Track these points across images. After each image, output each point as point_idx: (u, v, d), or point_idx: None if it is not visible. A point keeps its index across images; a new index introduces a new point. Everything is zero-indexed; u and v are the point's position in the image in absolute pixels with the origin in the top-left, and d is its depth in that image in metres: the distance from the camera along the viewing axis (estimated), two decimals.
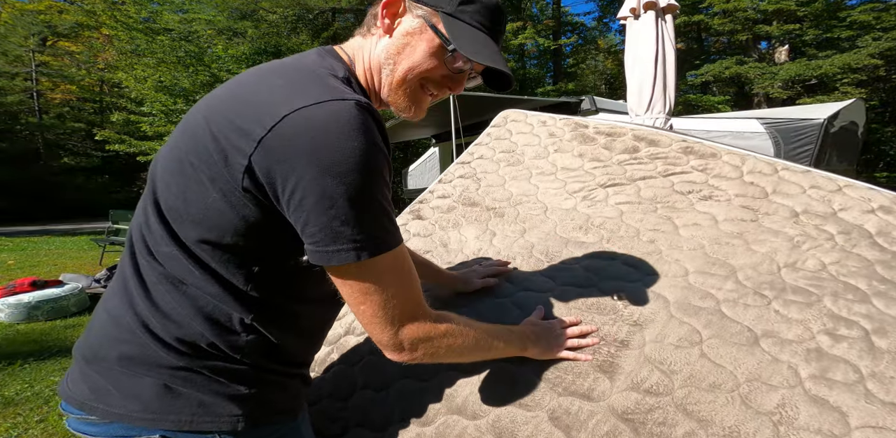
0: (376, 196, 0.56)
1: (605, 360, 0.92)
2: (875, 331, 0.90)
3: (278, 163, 0.53)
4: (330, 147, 0.52)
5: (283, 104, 0.54)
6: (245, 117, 0.56)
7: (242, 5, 12.27)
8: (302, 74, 0.61)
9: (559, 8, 19.18)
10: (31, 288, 4.01)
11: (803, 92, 12.74)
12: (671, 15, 2.92)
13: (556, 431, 0.84)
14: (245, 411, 0.65)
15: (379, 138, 0.57)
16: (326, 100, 0.54)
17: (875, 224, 1.18)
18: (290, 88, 0.57)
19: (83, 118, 20.92)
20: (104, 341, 0.65)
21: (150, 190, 0.65)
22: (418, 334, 0.63)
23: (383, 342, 0.63)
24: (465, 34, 0.66)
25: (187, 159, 0.60)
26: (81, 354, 0.67)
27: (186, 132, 0.62)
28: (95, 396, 0.63)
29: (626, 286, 1.08)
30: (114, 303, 0.66)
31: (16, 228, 13.28)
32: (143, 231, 0.64)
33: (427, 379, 0.99)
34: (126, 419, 0.61)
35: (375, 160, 0.55)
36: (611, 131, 1.69)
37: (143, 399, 0.61)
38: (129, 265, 0.66)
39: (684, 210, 1.31)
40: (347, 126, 0.53)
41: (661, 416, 0.81)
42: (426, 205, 1.61)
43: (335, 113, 0.54)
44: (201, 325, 0.62)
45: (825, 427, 0.76)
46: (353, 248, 0.56)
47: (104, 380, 0.63)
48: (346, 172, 0.53)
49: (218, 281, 0.62)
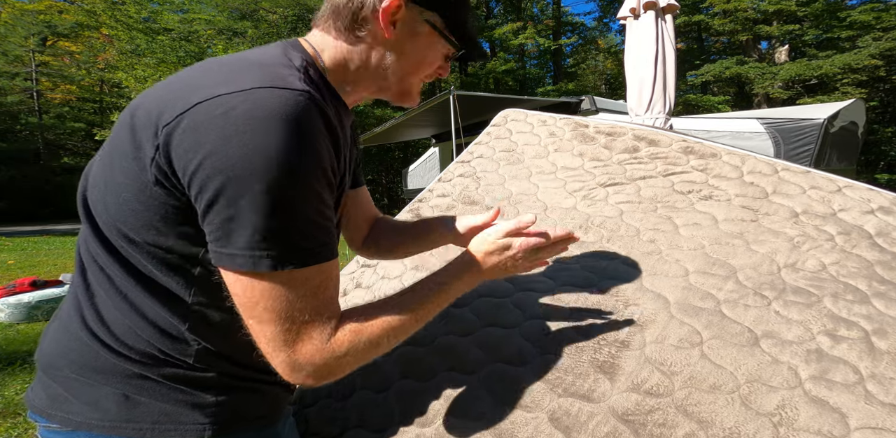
0: (292, 201, 0.49)
1: (605, 361, 0.92)
2: (875, 332, 0.90)
3: (185, 152, 0.48)
4: (242, 139, 0.46)
5: (203, 90, 0.49)
6: (163, 105, 0.50)
7: (242, 5, 12.28)
8: (244, 63, 0.56)
9: (559, 8, 19.19)
10: (31, 288, 4.01)
11: (803, 92, 12.74)
12: (671, 15, 2.92)
13: (556, 432, 0.83)
14: (212, 419, 0.62)
15: (315, 135, 0.51)
16: (254, 87, 0.49)
17: (875, 224, 1.18)
18: (220, 75, 0.52)
19: (83, 118, 20.91)
20: (57, 349, 0.63)
21: (82, 201, 0.61)
22: (316, 358, 0.54)
23: (276, 365, 0.55)
24: (465, 33, 0.69)
25: (108, 157, 0.56)
26: (41, 363, 0.64)
27: (114, 129, 0.58)
28: (54, 404, 0.61)
29: (625, 286, 1.08)
30: (66, 312, 0.64)
31: (16, 228, 13.28)
32: (87, 242, 0.61)
33: (427, 380, 0.99)
34: (86, 426, 0.59)
35: (299, 159, 0.49)
36: (611, 131, 1.68)
37: (101, 407, 0.59)
38: (79, 275, 0.63)
39: (684, 210, 1.30)
40: (271, 118, 0.47)
41: (662, 417, 0.81)
42: (425, 204, 1.61)
43: (259, 101, 0.48)
44: (148, 333, 0.59)
45: (825, 428, 0.76)
46: (257, 256, 0.49)
47: (61, 388, 0.61)
48: (259, 170, 0.47)
49: (155, 288, 0.58)
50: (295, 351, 0.53)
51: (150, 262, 0.57)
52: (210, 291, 0.59)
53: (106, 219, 0.57)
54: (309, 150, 0.50)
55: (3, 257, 7.22)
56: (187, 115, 0.48)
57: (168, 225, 0.54)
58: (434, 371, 1.00)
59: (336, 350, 0.55)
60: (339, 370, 0.57)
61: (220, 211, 0.48)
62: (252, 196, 0.47)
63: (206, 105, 0.48)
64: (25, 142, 19.76)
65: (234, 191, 0.47)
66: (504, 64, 17.27)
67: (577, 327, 1.00)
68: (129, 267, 0.58)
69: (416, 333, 1.11)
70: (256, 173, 0.47)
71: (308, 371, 0.54)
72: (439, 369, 1.00)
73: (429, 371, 1.00)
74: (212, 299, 0.60)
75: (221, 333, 0.62)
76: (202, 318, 0.61)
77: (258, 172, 0.47)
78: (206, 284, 0.59)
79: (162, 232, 0.55)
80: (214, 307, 0.61)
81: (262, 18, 12.97)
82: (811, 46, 13.17)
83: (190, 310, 0.60)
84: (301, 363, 0.54)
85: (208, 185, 0.48)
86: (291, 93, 0.50)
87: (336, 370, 0.57)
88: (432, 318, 0.70)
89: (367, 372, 1.06)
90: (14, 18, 17.85)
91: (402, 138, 11.43)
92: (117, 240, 0.57)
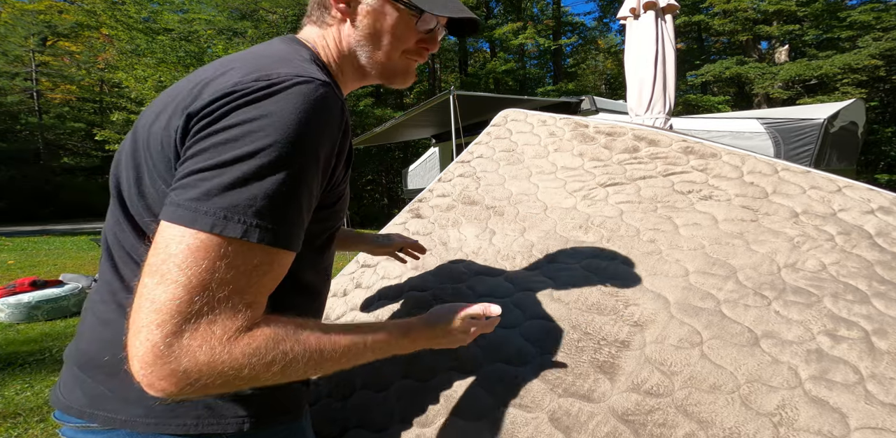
0: (283, 175, 0.47)
1: (605, 361, 0.92)
2: (875, 332, 0.90)
3: (209, 116, 0.48)
4: (266, 109, 0.47)
5: (238, 77, 0.50)
6: (197, 89, 0.51)
7: (242, 5, 12.28)
8: (268, 58, 0.57)
9: (559, 8, 19.19)
10: (31, 288, 4.00)
11: (803, 92, 12.74)
12: (671, 15, 2.92)
13: (556, 432, 0.83)
14: (250, 412, 0.62)
15: (330, 124, 0.52)
16: (287, 74, 0.51)
17: (875, 224, 1.18)
18: (254, 65, 0.53)
19: (83, 118, 20.90)
20: (99, 346, 0.61)
21: (115, 191, 0.61)
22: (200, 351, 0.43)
23: (137, 346, 0.43)
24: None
25: (143, 150, 0.56)
26: (75, 360, 0.63)
27: (144, 124, 0.58)
28: (93, 402, 0.60)
29: (625, 286, 1.08)
30: (103, 309, 0.62)
31: (16, 228, 13.27)
32: (117, 234, 0.60)
33: (427, 380, 0.99)
34: (130, 425, 0.58)
35: (311, 140, 0.49)
36: (611, 131, 1.68)
37: (145, 403, 0.58)
38: (110, 268, 0.62)
39: (684, 209, 1.30)
40: (298, 100, 0.49)
41: (662, 417, 0.81)
42: (425, 204, 1.61)
43: (290, 85, 0.49)
44: None
45: (825, 428, 0.76)
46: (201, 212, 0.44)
47: (102, 386, 0.60)
48: (268, 135, 0.46)
49: None
50: (180, 332, 0.42)
51: None
52: None
53: (140, 209, 0.57)
54: (318, 139, 0.50)
55: (3, 257, 7.21)
56: (211, 102, 0.48)
57: None
58: (434, 370, 1.00)
59: (234, 350, 0.45)
60: (217, 378, 0.44)
61: (209, 158, 0.46)
62: (237, 154, 0.46)
63: (231, 91, 0.49)
64: (25, 142, 19.76)
65: (222, 149, 0.46)
66: (504, 64, 17.26)
67: (577, 327, 1.00)
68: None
69: None
70: (255, 139, 0.46)
71: (175, 365, 0.42)
72: (439, 369, 1.00)
73: (429, 370, 1.00)
74: None
75: None
76: None
77: (266, 137, 0.46)
78: None
79: None
80: None
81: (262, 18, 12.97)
82: (811, 46, 13.16)
83: None
84: (176, 351, 0.42)
85: (204, 139, 0.47)
86: (319, 84, 0.51)
87: (213, 377, 0.44)
88: (350, 365, 0.60)
89: (367, 372, 1.06)
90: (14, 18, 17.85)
91: (402, 138, 11.43)
92: (151, 228, 0.54)
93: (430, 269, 1.30)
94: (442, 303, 1.15)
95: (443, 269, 1.29)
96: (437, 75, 19.68)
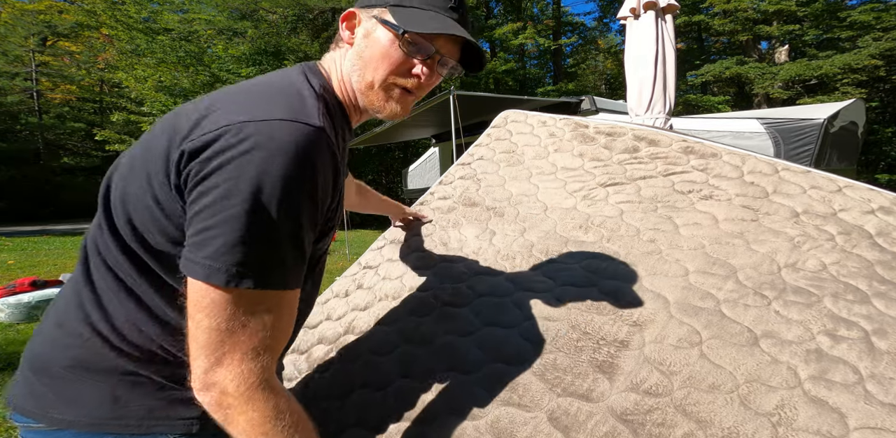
0: (271, 227, 0.52)
1: (604, 361, 0.92)
2: (875, 332, 0.90)
3: (204, 160, 0.51)
4: (251, 163, 0.50)
5: (232, 114, 0.53)
6: (196, 122, 0.55)
7: (242, 5, 12.27)
8: (271, 89, 0.60)
9: (559, 8, 19.18)
10: (31, 288, 4.01)
11: (803, 92, 12.73)
12: (671, 15, 2.92)
13: (555, 432, 0.83)
14: (201, 413, 0.61)
15: (317, 169, 0.54)
16: (275, 118, 0.53)
17: (875, 224, 1.18)
18: (250, 101, 0.56)
19: (83, 118, 20.91)
20: (52, 348, 0.64)
21: (103, 198, 0.64)
22: (230, 385, 0.53)
23: (193, 372, 0.54)
24: (413, 15, 0.65)
25: (140, 161, 0.60)
26: (29, 362, 0.65)
27: (147, 137, 0.62)
28: (39, 403, 0.62)
29: (625, 286, 1.08)
30: (63, 310, 0.65)
31: (16, 228, 13.27)
32: (96, 239, 0.64)
33: (426, 379, 0.99)
34: (75, 425, 0.60)
35: (295, 191, 0.52)
36: (611, 131, 1.68)
37: (89, 405, 0.60)
38: (82, 273, 0.65)
39: (684, 209, 1.30)
40: (282, 150, 0.51)
41: (661, 417, 0.81)
42: (426, 207, 1.61)
43: (276, 132, 0.52)
44: (152, 330, 0.61)
45: (824, 428, 0.76)
46: (215, 268, 0.51)
47: (48, 388, 0.62)
48: (258, 188, 0.50)
49: (164, 287, 0.61)
50: (217, 364, 0.53)
51: (160, 263, 0.60)
52: None
53: (125, 219, 0.60)
54: (307, 186, 0.53)
55: (3, 257, 7.21)
56: (209, 136, 0.52)
57: (180, 233, 0.57)
58: (433, 370, 1.00)
59: (256, 395, 0.53)
60: (242, 408, 0.53)
61: (203, 220, 0.51)
62: (236, 212, 0.50)
63: (228, 129, 0.52)
64: (25, 142, 19.76)
65: (223, 205, 0.50)
66: (504, 64, 17.26)
67: (577, 327, 1.00)
68: (141, 266, 0.61)
69: (416, 332, 1.11)
70: (250, 193, 0.50)
71: (215, 392, 0.53)
72: (439, 368, 1.00)
73: (428, 370, 1.00)
74: None
75: None
76: None
77: (252, 193, 0.50)
78: None
79: (174, 239, 0.58)
80: None
81: (262, 18, 12.96)
82: (811, 46, 13.16)
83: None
84: (213, 380, 0.53)
85: (203, 197, 0.51)
86: (307, 129, 0.53)
87: (238, 407, 0.53)
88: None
89: (366, 371, 1.06)
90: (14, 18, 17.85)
91: (402, 138, 11.43)
92: (133, 241, 0.60)
93: (430, 270, 1.30)
94: (442, 303, 1.15)
95: (443, 269, 1.29)
96: None
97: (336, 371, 1.11)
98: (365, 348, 1.13)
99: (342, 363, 1.12)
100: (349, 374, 1.08)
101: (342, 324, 1.26)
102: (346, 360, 1.13)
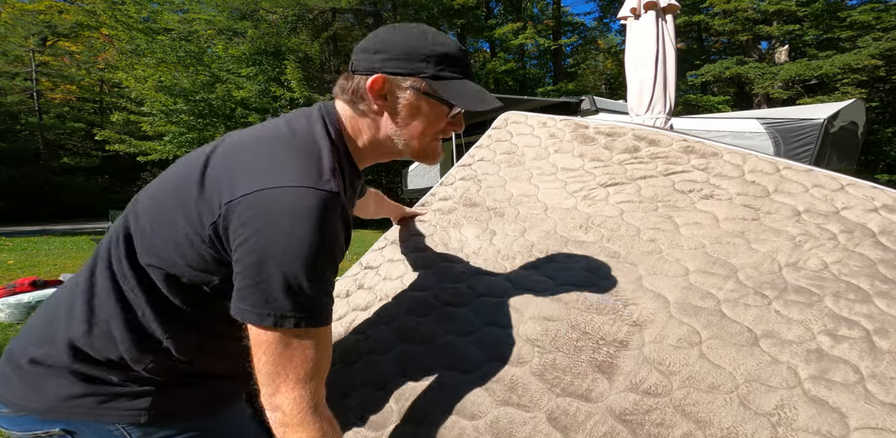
0: (301, 280, 0.62)
1: (603, 361, 0.92)
2: (876, 332, 0.90)
3: (240, 227, 0.61)
4: (279, 228, 0.60)
5: (262, 179, 0.63)
6: (230, 182, 0.64)
7: (242, 5, 12.26)
8: (294, 146, 0.69)
9: (559, 8, 19.17)
10: (31, 288, 4.00)
11: (803, 92, 12.73)
12: (672, 15, 2.92)
13: (553, 432, 0.83)
14: (147, 405, 0.70)
15: (334, 228, 0.64)
16: (299, 185, 0.62)
17: (878, 223, 1.17)
18: (276, 164, 0.66)
19: (83, 118, 20.90)
20: (28, 342, 0.72)
21: (130, 216, 0.73)
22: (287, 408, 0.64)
23: (262, 397, 0.66)
24: (456, 90, 0.74)
25: (172, 186, 0.69)
26: (7, 351, 0.73)
27: (188, 161, 0.71)
28: (5, 388, 0.70)
29: (625, 285, 1.08)
30: (54, 307, 0.73)
31: (16, 228, 13.27)
32: (111, 248, 0.71)
33: (425, 379, 0.99)
34: (35, 412, 0.68)
35: (317, 250, 0.62)
36: (611, 131, 1.68)
37: (45, 395, 0.68)
38: (86, 275, 0.72)
39: (685, 209, 1.30)
40: (304, 215, 0.61)
41: (660, 417, 0.81)
42: (428, 208, 1.61)
43: (298, 200, 0.61)
44: (122, 335, 0.68)
45: (824, 428, 0.76)
46: (264, 314, 0.62)
47: (16, 376, 0.70)
48: (282, 255, 0.60)
49: (159, 302, 0.70)
50: (277, 390, 0.64)
51: (167, 284, 0.69)
52: (200, 313, 0.72)
53: (146, 246, 0.69)
54: (326, 243, 0.63)
55: (3, 257, 7.21)
56: (246, 199, 0.61)
57: (200, 264, 0.67)
58: (432, 369, 1.00)
59: (307, 417, 0.64)
60: (295, 428, 0.64)
61: (248, 277, 0.62)
62: (273, 272, 0.61)
63: (261, 194, 0.61)
64: (25, 142, 19.75)
65: (261, 267, 0.61)
66: (504, 64, 17.24)
67: (576, 326, 1.00)
68: (148, 282, 0.69)
69: (416, 332, 1.11)
70: (282, 257, 0.60)
71: (279, 414, 0.64)
72: (438, 368, 1.00)
73: (427, 369, 1.00)
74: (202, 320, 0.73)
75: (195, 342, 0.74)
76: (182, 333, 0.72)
77: (284, 256, 0.60)
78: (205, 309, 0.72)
79: (191, 266, 0.67)
80: (198, 326, 0.73)
81: (262, 18, 12.95)
82: (811, 46, 13.14)
83: (181, 326, 0.71)
84: (276, 403, 0.64)
85: (246, 257, 0.61)
86: (324, 195, 0.63)
87: (293, 428, 0.64)
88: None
89: (365, 370, 1.06)
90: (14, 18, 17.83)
91: None
92: (146, 262, 0.69)
93: (430, 270, 1.30)
94: (442, 303, 1.15)
95: (443, 269, 1.28)
96: None
97: (336, 371, 1.11)
98: (365, 348, 1.13)
99: (342, 363, 1.12)
100: (349, 374, 1.08)
101: (343, 324, 1.25)
102: (346, 360, 1.13)
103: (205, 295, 0.71)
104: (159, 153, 11.15)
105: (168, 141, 11.16)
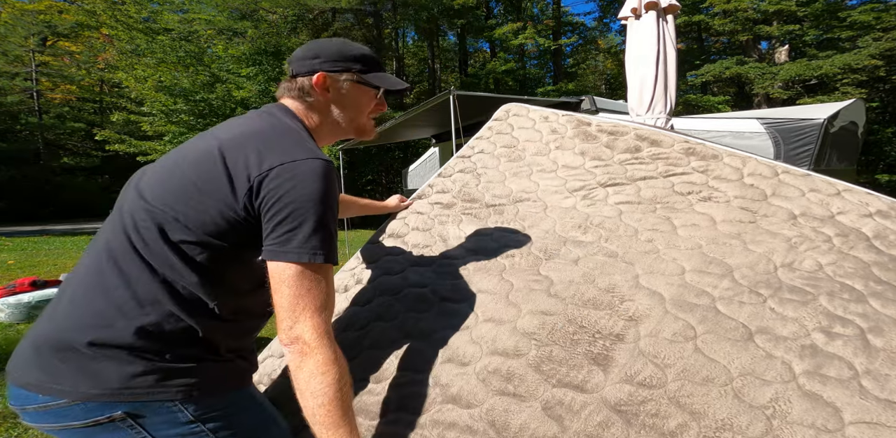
0: (329, 223, 0.79)
1: (599, 353, 0.93)
2: (871, 330, 0.91)
3: (272, 190, 0.77)
4: (305, 187, 0.77)
5: (281, 155, 0.79)
6: (253, 160, 0.79)
7: (242, 5, 12.27)
8: (293, 136, 0.86)
9: (559, 8, 19.18)
10: (31, 288, 4.01)
11: (803, 92, 12.74)
12: (672, 15, 2.92)
13: (548, 420, 0.85)
14: (198, 380, 0.77)
15: (335, 185, 0.82)
16: (308, 157, 0.79)
17: (872, 228, 1.19)
18: (287, 144, 0.82)
19: (83, 118, 20.92)
20: (74, 327, 0.74)
21: (137, 199, 0.81)
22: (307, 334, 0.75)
23: (280, 329, 0.76)
24: (380, 78, 0.98)
25: (191, 179, 0.79)
26: (45, 340, 0.75)
27: (197, 158, 0.81)
28: (52, 379, 0.71)
29: (622, 283, 1.09)
30: (83, 293, 0.77)
31: (16, 228, 13.28)
32: (128, 233, 0.79)
33: (423, 371, 1.00)
34: (86, 397, 0.70)
35: (331, 200, 0.80)
36: (613, 130, 1.68)
37: (103, 378, 0.71)
38: (105, 258, 0.78)
39: (683, 210, 1.31)
40: (319, 176, 0.78)
41: (654, 408, 0.82)
42: (425, 201, 1.62)
43: (312, 165, 0.79)
44: (175, 307, 0.76)
45: (819, 421, 0.77)
46: (302, 252, 0.76)
47: (65, 364, 0.72)
48: (313, 203, 0.77)
49: (196, 272, 0.78)
50: (297, 320, 0.75)
51: (201, 255, 0.79)
52: (234, 280, 0.83)
53: (177, 222, 0.77)
54: (334, 194, 0.81)
55: (3, 257, 7.22)
56: (274, 171, 0.77)
57: (232, 232, 0.79)
58: (430, 361, 1.01)
59: (323, 343, 0.76)
60: (314, 352, 0.74)
61: (286, 224, 0.76)
62: (308, 217, 0.77)
63: (283, 167, 0.77)
64: (25, 142, 19.77)
65: (296, 214, 0.76)
66: (504, 64, 17.27)
67: (573, 321, 1.01)
68: (185, 257, 0.78)
69: (415, 328, 1.12)
70: (312, 206, 0.77)
71: (298, 343, 0.75)
72: (436, 360, 1.01)
73: (425, 361, 1.01)
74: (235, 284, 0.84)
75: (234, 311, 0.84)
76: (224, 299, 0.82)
77: (313, 206, 0.77)
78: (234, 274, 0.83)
79: (223, 236, 0.79)
80: (231, 292, 0.83)
81: (262, 18, 12.97)
82: (811, 46, 13.16)
83: (218, 292, 0.81)
84: (296, 333, 0.75)
85: (283, 211, 0.76)
86: (325, 162, 0.80)
87: (311, 352, 0.74)
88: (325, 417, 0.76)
89: (364, 363, 1.07)
90: (14, 18, 17.85)
91: (402, 138, 11.43)
92: (179, 239, 0.77)
93: (429, 266, 1.31)
94: (441, 298, 1.17)
95: (442, 265, 1.30)
96: (437, 75, 19.67)
97: None
98: (366, 343, 1.14)
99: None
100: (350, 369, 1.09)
101: (342, 321, 1.26)
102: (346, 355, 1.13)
103: (234, 256, 0.81)
104: (159, 153, 11.14)
105: (168, 141, 11.16)
